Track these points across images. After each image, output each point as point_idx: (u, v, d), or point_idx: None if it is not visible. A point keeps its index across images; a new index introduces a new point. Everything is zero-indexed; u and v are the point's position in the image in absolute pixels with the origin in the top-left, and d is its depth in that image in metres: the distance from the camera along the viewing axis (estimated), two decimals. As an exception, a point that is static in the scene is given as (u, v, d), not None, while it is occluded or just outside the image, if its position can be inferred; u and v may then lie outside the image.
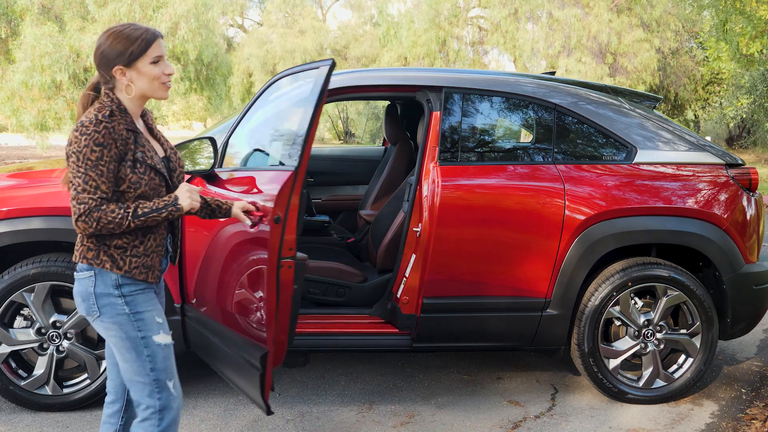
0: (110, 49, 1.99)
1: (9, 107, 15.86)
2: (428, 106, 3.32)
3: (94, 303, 2.03)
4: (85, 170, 1.91)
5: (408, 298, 3.24)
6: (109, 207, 1.93)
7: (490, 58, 25.70)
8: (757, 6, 9.75)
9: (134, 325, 2.04)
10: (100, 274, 2.02)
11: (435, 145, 3.25)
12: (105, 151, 1.92)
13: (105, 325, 2.05)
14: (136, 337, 2.04)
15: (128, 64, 2.00)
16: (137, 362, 2.05)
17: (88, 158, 1.91)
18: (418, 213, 3.26)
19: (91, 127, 1.92)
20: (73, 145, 1.92)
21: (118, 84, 2.03)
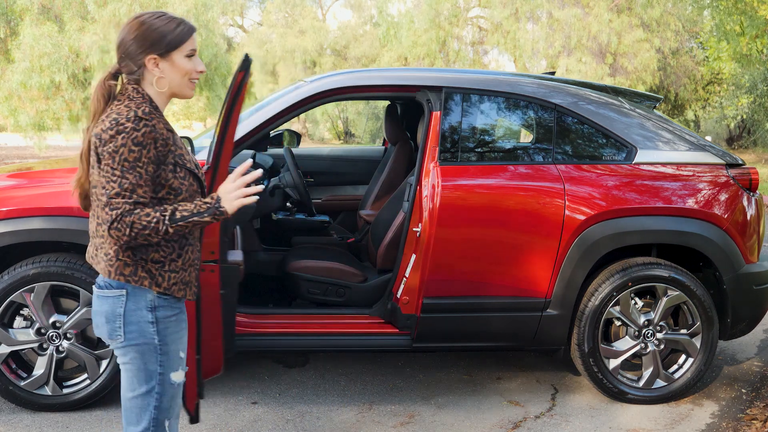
0: (146, 36, 1.80)
1: (7, 107, 15.85)
2: (428, 106, 3.32)
3: (120, 326, 1.81)
4: (121, 173, 1.71)
5: (408, 298, 3.24)
6: (144, 211, 1.72)
7: (490, 58, 25.70)
8: (758, 6, 9.75)
9: (157, 358, 1.85)
10: (133, 294, 1.81)
11: (435, 145, 3.25)
12: (144, 151, 1.73)
13: (125, 351, 1.84)
14: (154, 371, 1.86)
15: (163, 54, 1.81)
16: (144, 397, 1.87)
17: (126, 159, 1.71)
18: (418, 213, 3.26)
19: (129, 124, 1.72)
20: (108, 144, 1.72)
21: (147, 76, 1.83)
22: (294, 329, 3.30)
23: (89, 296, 3.10)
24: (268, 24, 27.63)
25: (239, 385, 3.55)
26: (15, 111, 15.78)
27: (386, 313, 3.38)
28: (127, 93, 1.82)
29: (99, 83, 1.83)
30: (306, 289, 3.49)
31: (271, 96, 3.52)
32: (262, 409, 3.29)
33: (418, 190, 3.26)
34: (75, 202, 3.03)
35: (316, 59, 25.62)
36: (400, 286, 3.31)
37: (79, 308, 3.13)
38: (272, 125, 3.34)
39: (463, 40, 23.62)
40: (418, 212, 3.26)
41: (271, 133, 4.01)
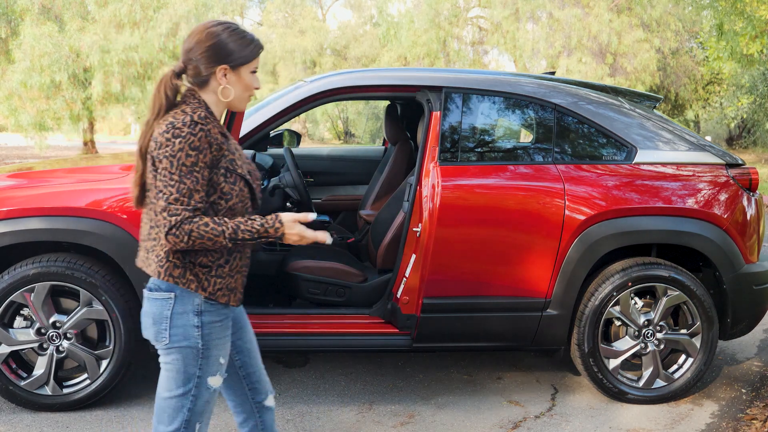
0: (220, 48, 1.83)
1: (7, 107, 15.85)
2: (428, 106, 3.32)
3: (166, 329, 1.84)
4: (179, 177, 1.73)
5: (408, 298, 3.24)
6: (202, 220, 1.75)
7: (490, 58, 25.71)
8: (757, 6, 9.75)
9: (197, 362, 1.87)
10: (181, 298, 1.83)
11: (435, 145, 3.25)
12: (200, 156, 1.75)
13: (168, 352, 1.86)
14: (192, 375, 1.88)
15: (234, 68, 1.86)
16: (179, 399, 1.89)
17: (183, 164, 1.74)
18: (418, 213, 3.26)
19: (185, 129, 1.75)
20: (165, 148, 1.74)
21: (212, 84, 1.87)
22: (294, 329, 3.30)
23: (89, 296, 3.10)
24: (268, 24, 27.63)
25: (239, 385, 3.55)
26: (15, 111, 15.78)
27: (386, 313, 3.38)
28: (187, 98, 1.86)
29: (165, 79, 1.84)
30: (306, 289, 3.49)
31: (271, 96, 3.52)
32: (262, 409, 3.29)
33: (418, 190, 3.26)
34: (75, 202, 3.06)
35: (316, 59, 25.63)
36: (400, 286, 3.31)
37: (80, 308, 3.13)
38: (272, 125, 3.35)
39: (463, 40, 23.63)
40: (418, 212, 3.26)
41: (271, 133, 4.01)
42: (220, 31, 1.85)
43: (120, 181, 3.15)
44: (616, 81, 19.47)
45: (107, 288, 3.09)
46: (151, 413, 3.19)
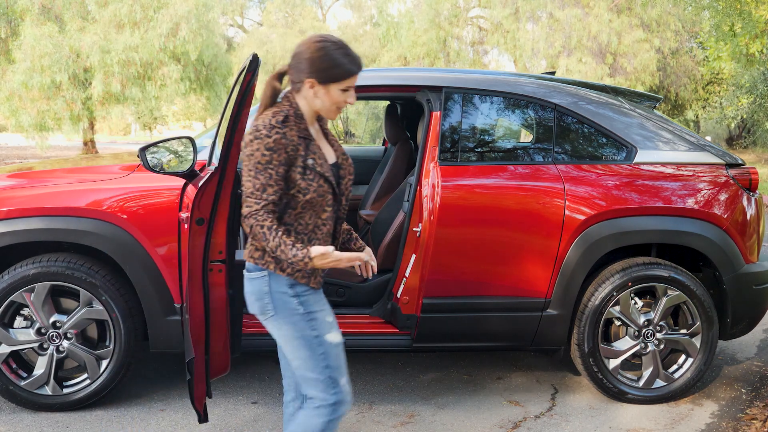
0: (317, 62, 1.99)
1: (8, 107, 15.86)
2: (428, 106, 3.32)
3: (269, 302, 2.05)
4: (255, 174, 1.94)
5: (408, 298, 3.24)
6: (266, 221, 1.94)
7: (490, 58, 25.71)
8: (757, 6, 9.75)
9: (308, 324, 2.05)
10: (273, 274, 2.04)
11: (435, 145, 3.25)
12: (275, 155, 1.94)
13: (278, 324, 2.07)
14: (310, 336, 2.06)
15: (322, 83, 2.01)
16: (312, 360, 2.06)
17: (258, 162, 1.94)
18: (418, 213, 3.26)
19: (263, 132, 1.95)
20: (247, 148, 1.96)
21: (303, 90, 2.04)
22: (294, 329, 3.30)
23: (89, 296, 3.10)
24: (268, 24, 27.64)
25: (239, 385, 3.55)
26: (16, 111, 15.78)
27: (386, 313, 3.38)
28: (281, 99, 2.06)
29: (269, 79, 2.06)
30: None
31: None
32: (262, 409, 3.30)
33: (418, 190, 3.26)
34: (75, 202, 3.06)
35: (316, 59, 25.60)
36: (400, 286, 3.31)
37: (80, 308, 3.13)
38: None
39: (463, 40, 23.63)
40: (418, 212, 3.26)
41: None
42: (321, 47, 2.00)
43: (120, 181, 3.15)
44: (616, 81, 19.47)
45: (107, 288, 3.09)
46: (151, 413, 3.20)
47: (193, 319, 2.54)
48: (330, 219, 2.09)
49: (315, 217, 2.05)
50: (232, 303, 2.72)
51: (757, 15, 9.69)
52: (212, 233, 2.54)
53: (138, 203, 3.08)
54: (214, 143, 2.96)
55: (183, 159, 2.92)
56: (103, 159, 4.13)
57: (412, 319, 3.25)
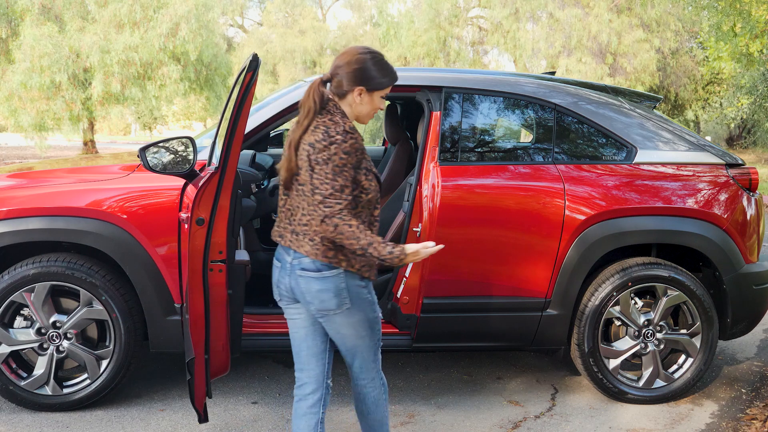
0: (366, 72, 2.19)
1: (7, 108, 15.85)
2: (428, 106, 3.32)
3: (347, 297, 2.21)
4: (333, 176, 2.09)
5: (408, 298, 3.24)
6: (351, 221, 2.10)
7: (490, 58, 25.71)
8: (757, 6, 9.74)
9: (372, 308, 2.28)
10: (347, 270, 2.20)
11: (435, 145, 3.25)
12: (350, 159, 2.12)
13: (351, 313, 2.24)
14: (374, 318, 2.29)
15: (369, 91, 2.21)
16: (372, 339, 2.31)
17: (336, 165, 2.10)
18: (418, 213, 3.26)
19: (339, 137, 2.11)
20: (323, 153, 2.10)
21: (348, 98, 2.22)
22: (294, 329, 3.29)
23: (89, 296, 3.10)
24: (268, 24, 27.63)
25: (239, 385, 3.55)
26: (15, 111, 15.77)
27: (386, 313, 3.38)
28: (328, 107, 2.20)
29: (314, 86, 2.20)
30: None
31: (271, 96, 3.52)
32: (262, 408, 3.30)
33: (418, 190, 3.26)
34: (75, 202, 3.06)
35: (316, 59, 25.62)
36: (400, 286, 3.31)
37: (80, 308, 3.13)
38: (272, 125, 3.34)
39: (463, 40, 23.63)
40: (418, 212, 3.26)
41: (271, 133, 4.01)
42: (368, 58, 2.21)
43: (120, 181, 3.15)
44: (616, 81, 19.47)
45: (107, 288, 3.09)
46: (151, 413, 3.20)
47: (193, 319, 2.54)
48: (378, 217, 2.30)
49: (369, 215, 2.24)
50: (232, 303, 2.72)
51: (757, 15, 9.69)
52: (212, 233, 2.54)
53: (138, 203, 3.08)
54: (214, 143, 2.96)
55: (183, 159, 2.92)
56: (103, 159, 4.13)
57: (412, 319, 3.25)
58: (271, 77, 26.10)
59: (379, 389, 2.41)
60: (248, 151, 3.91)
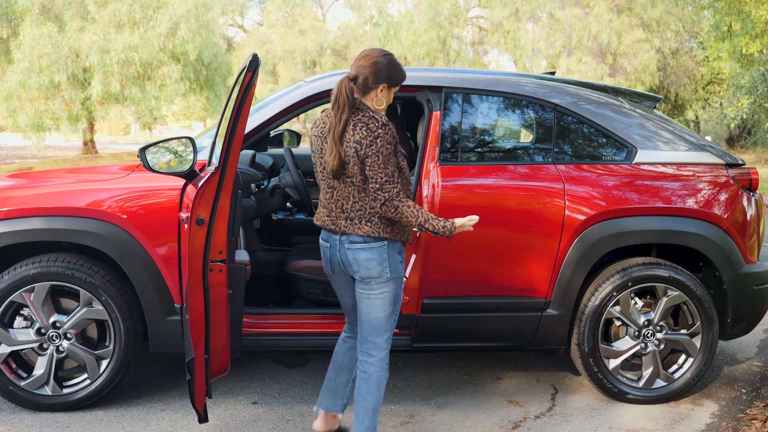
0: (390, 71, 2.52)
1: (6, 108, 15.84)
2: (428, 106, 3.32)
3: (387, 267, 2.55)
4: (384, 165, 2.41)
5: (408, 298, 3.24)
6: (409, 203, 2.45)
7: (490, 58, 25.71)
8: (757, 6, 9.74)
9: (401, 286, 2.62)
10: (391, 244, 2.54)
11: (435, 145, 3.25)
12: (392, 147, 2.45)
13: (388, 283, 2.57)
14: (398, 295, 2.61)
15: (389, 87, 2.55)
16: (392, 315, 2.61)
17: (386, 155, 2.42)
18: None
19: (380, 130, 2.43)
20: (371, 146, 2.42)
21: (371, 94, 2.53)
22: (294, 329, 3.30)
23: (89, 296, 3.10)
24: (268, 24, 27.63)
25: (239, 385, 3.55)
26: (14, 111, 15.76)
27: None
28: (357, 105, 2.49)
29: (343, 82, 2.48)
30: (306, 289, 3.49)
31: (271, 96, 3.52)
32: (262, 409, 3.30)
33: (419, 191, 3.26)
34: (75, 202, 3.05)
35: (316, 59, 25.62)
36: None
37: (79, 308, 3.13)
38: (272, 125, 3.34)
39: (463, 40, 23.63)
40: None
41: (271, 133, 4.01)
42: (390, 59, 2.54)
43: (120, 181, 3.15)
44: (616, 81, 19.48)
45: (107, 288, 3.09)
46: (151, 413, 3.20)
47: (193, 319, 2.54)
48: None
49: (407, 189, 2.56)
50: (232, 303, 2.72)
51: (757, 15, 9.69)
52: (212, 233, 2.54)
53: (138, 203, 3.08)
54: (214, 143, 2.96)
55: (183, 159, 2.92)
56: (103, 159, 4.13)
57: (412, 319, 3.25)
58: (271, 77, 26.09)
59: (383, 372, 2.63)
60: (248, 151, 3.91)
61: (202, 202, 2.51)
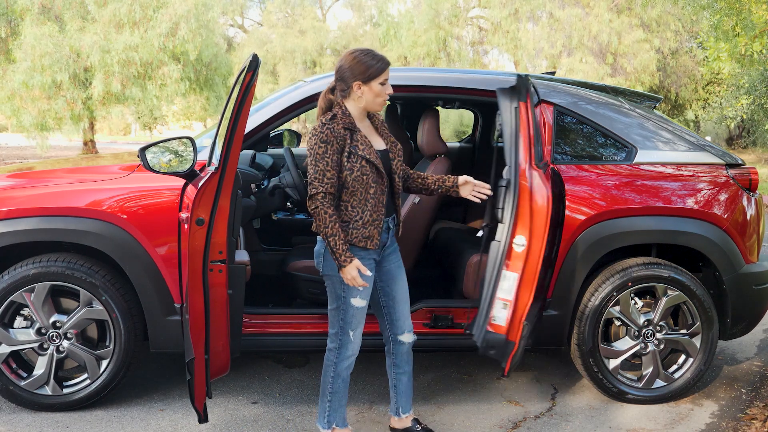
0: (356, 67, 2.51)
1: (9, 107, 15.84)
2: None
3: (321, 262, 2.62)
4: (315, 162, 2.46)
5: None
6: (327, 208, 2.46)
7: (490, 58, 25.70)
8: (757, 6, 9.73)
9: (342, 286, 2.60)
10: None
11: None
12: (328, 146, 2.46)
13: (324, 278, 2.66)
14: (339, 295, 2.63)
15: (365, 81, 2.52)
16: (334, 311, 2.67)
17: (317, 153, 2.46)
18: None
19: (317, 129, 2.49)
20: (308, 144, 2.50)
21: (351, 94, 2.55)
22: (294, 329, 3.30)
23: (89, 296, 3.10)
24: (268, 24, 27.63)
25: (239, 385, 3.55)
26: (17, 111, 15.76)
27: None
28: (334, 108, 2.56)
29: (322, 95, 2.60)
30: (306, 289, 3.49)
31: (271, 96, 3.52)
32: (262, 408, 3.30)
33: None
34: (75, 202, 3.06)
35: (316, 59, 25.62)
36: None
37: (80, 308, 3.13)
38: (272, 125, 3.34)
39: (463, 40, 23.62)
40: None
41: (271, 133, 4.01)
42: (355, 55, 2.53)
43: (120, 181, 3.15)
44: (616, 81, 19.47)
45: (107, 288, 3.09)
46: (151, 413, 3.20)
47: (193, 319, 2.55)
48: (378, 193, 2.55)
49: (365, 193, 2.53)
50: (232, 303, 2.72)
51: (757, 15, 9.68)
52: (212, 233, 2.54)
53: (138, 203, 3.08)
54: (214, 143, 2.96)
55: (183, 159, 2.92)
56: (103, 159, 4.13)
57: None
58: (271, 77, 26.09)
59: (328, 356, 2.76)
60: (248, 151, 3.91)
61: (202, 202, 2.51)
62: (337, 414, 2.78)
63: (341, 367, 2.73)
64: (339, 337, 2.69)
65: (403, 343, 2.85)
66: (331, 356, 2.74)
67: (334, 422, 2.79)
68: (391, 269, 2.77)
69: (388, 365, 2.94)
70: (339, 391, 2.76)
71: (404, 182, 2.81)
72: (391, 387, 2.95)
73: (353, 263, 2.49)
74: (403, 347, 2.86)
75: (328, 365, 2.75)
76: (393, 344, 2.86)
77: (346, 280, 2.52)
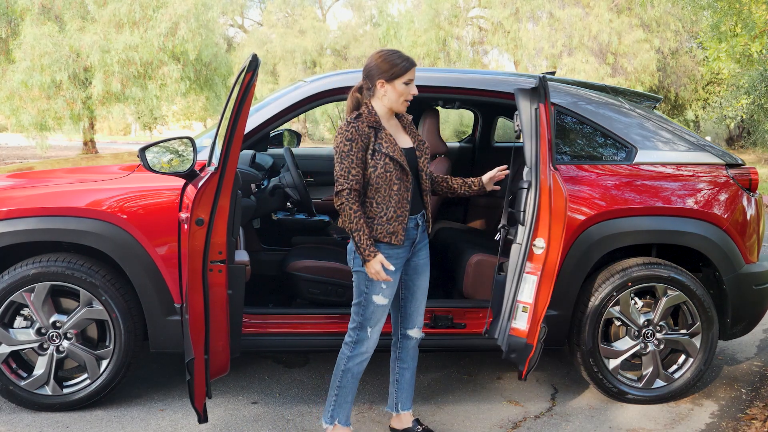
0: (381, 66, 2.57)
1: (9, 107, 15.84)
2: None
3: (351, 258, 2.68)
4: (340, 160, 2.52)
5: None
6: (353, 204, 2.51)
7: (490, 58, 25.70)
8: (756, 7, 9.73)
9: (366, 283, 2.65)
10: None
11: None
12: (353, 144, 2.52)
13: (353, 274, 2.71)
14: (363, 291, 2.68)
15: (388, 80, 2.57)
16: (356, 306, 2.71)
17: (342, 151, 2.51)
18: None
19: (344, 128, 2.55)
20: (334, 142, 2.56)
21: (376, 93, 2.61)
22: (294, 329, 3.30)
23: (89, 296, 3.10)
24: (268, 24, 27.65)
25: (239, 385, 3.56)
26: (17, 111, 15.76)
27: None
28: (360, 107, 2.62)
29: (350, 93, 2.66)
30: (306, 289, 3.49)
31: (271, 96, 3.52)
32: (262, 408, 3.30)
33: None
34: (75, 202, 3.06)
35: (316, 59, 25.64)
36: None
37: (80, 308, 3.13)
38: (272, 125, 3.34)
39: (463, 40, 23.62)
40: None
41: (271, 133, 4.01)
42: (382, 54, 2.61)
43: (120, 181, 3.15)
44: (616, 81, 19.47)
45: (107, 288, 3.09)
46: (151, 413, 3.20)
47: (193, 319, 2.55)
48: (402, 190, 2.59)
49: (389, 189, 2.58)
50: (232, 303, 2.72)
51: (757, 15, 9.68)
52: (212, 233, 2.54)
53: (138, 203, 3.08)
54: (214, 143, 2.96)
55: (183, 159, 2.92)
56: (103, 159, 4.13)
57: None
58: (271, 77, 26.10)
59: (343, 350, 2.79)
60: (248, 151, 3.91)
61: (202, 202, 2.51)
62: (341, 410, 2.78)
63: (353, 363, 2.74)
64: (357, 332, 2.73)
65: (411, 338, 2.88)
66: (345, 350, 2.76)
67: (337, 418, 2.79)
68: (419, 264, 2.81)
69: (392, 359, 2.95)
70: (346, 387, 2.76)
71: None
72: (393, 382, 2.96)
73: (377, 258, 2.53)
74: (411, 342, 2.89)
75: (341, 358, 2.78)
76: (401, 338, 2.89)
77: (370, 274, 2.56)
